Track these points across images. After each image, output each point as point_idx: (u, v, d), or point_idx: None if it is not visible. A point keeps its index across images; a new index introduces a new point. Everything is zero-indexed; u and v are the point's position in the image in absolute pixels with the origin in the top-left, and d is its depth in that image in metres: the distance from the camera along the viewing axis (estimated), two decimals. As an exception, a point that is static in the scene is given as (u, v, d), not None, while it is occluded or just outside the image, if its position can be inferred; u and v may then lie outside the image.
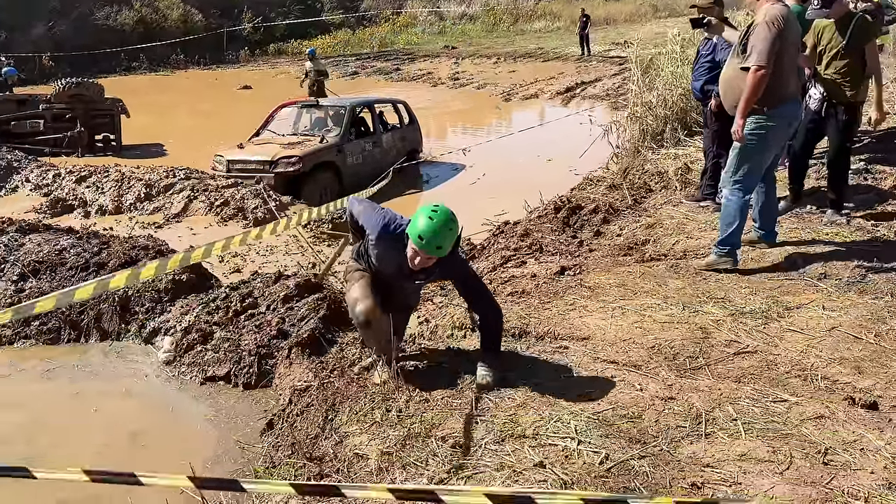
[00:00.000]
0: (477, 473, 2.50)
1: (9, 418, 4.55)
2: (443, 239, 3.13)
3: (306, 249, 7.40)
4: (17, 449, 4.19)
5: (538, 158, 12.18)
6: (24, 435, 4.34)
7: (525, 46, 29.80)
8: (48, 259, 5.98)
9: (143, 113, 15.75)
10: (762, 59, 4.14)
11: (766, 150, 4.42)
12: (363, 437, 2.94)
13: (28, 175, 10.45)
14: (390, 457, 2.72)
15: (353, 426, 3.10)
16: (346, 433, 3.06)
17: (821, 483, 2.36)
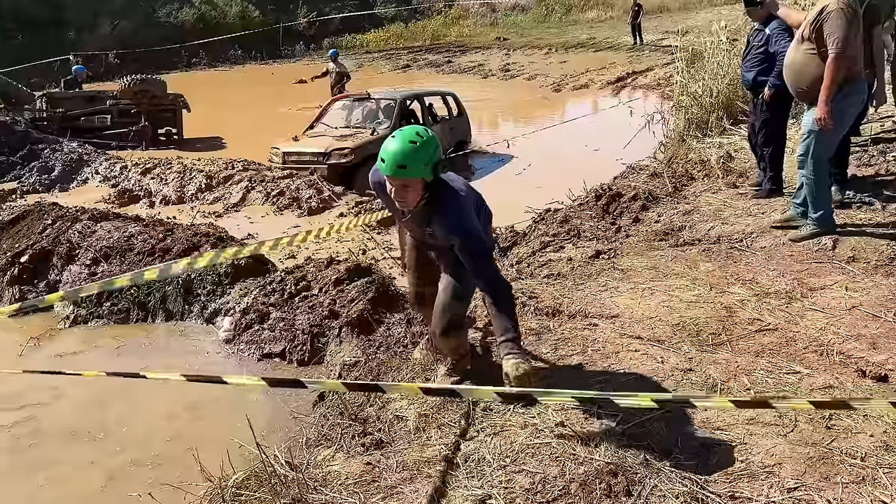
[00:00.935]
0: (503, 431, 2.75)
1: (85, 390, 4.97)
2: (404, 156, 2.76)
3: (357, 237, 7.73)
4: (93, 414, 4.61)
5: (586, 149, 12.29)
6: (97, 405, 4.75)
7: (577, 37, 29.71)
8: (118, 245, 6.43)
9: (204, 107, 16.33)
10: (842, 45, 4.30)
11: (842, 127, 4.63)
12: (403, 402, 3.22)
13: (97, 168, 11.06)
14: (427, 418, 2.99)
15: (395, 393, 3.38)
16: (388, 399, 3.33)
17: (821, 444, 2.55)
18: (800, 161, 4.78)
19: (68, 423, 4.50)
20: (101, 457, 4.18)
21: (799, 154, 4.79)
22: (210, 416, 4.62)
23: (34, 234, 6.63)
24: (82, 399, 4.79)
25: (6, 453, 4.17)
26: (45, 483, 3.92)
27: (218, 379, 2.70)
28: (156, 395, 4.88)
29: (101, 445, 4.29)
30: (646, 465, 2.48)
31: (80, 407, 4.70)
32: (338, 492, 2.56)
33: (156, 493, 3.64)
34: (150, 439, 4.35)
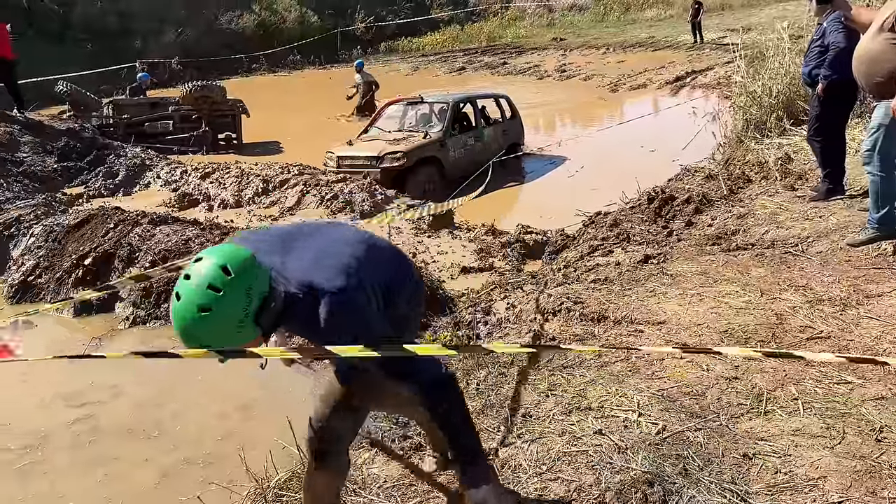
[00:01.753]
0: (540, 438, 2.75)
1: (142, 389, 5.15)
2: (195, 334, 1.87)
3: (408, 240, 7.79)
4: (149, 413, 4.76)
5: (641, 150, 12.13)
6: (153, 404, 4.91)
7: (635, 36, 29.30)
8: (175, 248, 6.61)
9: (262, 112, 16.68)
10: None
11: None
12: (445, 406, 3.23)
13: (159, 172, 11.39)
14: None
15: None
16: (429, 403, 3.35)
17: (869, 457, 2.47)
18: (866, 157, 4.60)
19: (125, 422, 4.66)
20: (155, 454, 4.31)
21: (865, 149, 4.60)
22: (260, 417, 4.72)
23: (97, 238, 6.88)
24: (140, 398, 4.96)
25: (67, 450, 4.34)
26: (102, 479, 4.06)
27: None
28: (210, 396, 5.01)
29: (155, 443, 4.43)
30: (684, 474, 2.45)
31: (137, 406, 4.86)
32: (376, 494, 2.59)
33: (205, 492, 3.75)
34: (202, 438, 4.47)
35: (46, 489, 3.98)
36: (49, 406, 4.89)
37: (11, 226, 7.76)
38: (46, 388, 5.17)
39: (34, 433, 4.54)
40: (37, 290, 6.71)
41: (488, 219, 8.48)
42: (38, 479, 4.07)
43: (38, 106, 16.14)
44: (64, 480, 4.06)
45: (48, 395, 5.02)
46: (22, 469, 4.17)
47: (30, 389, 5.18)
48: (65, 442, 4.46)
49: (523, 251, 7.22)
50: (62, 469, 4.17)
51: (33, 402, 4.92)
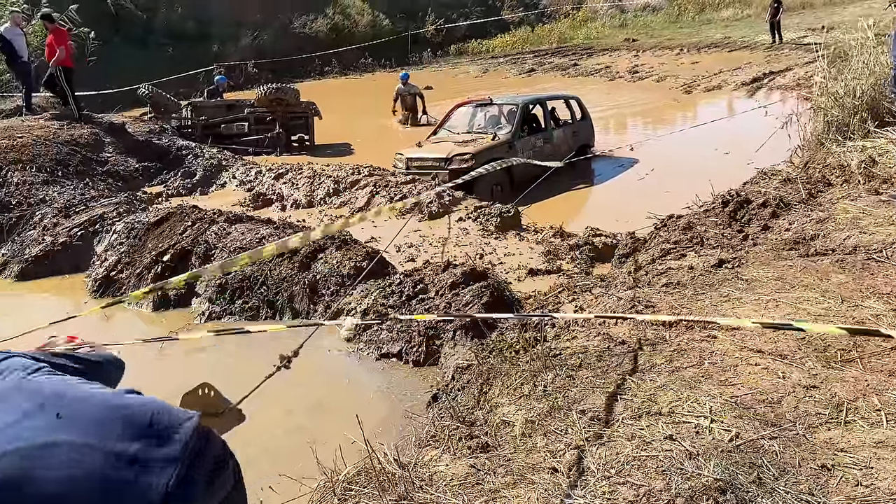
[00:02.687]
0: (609, 442, 2.71)
1: (220, 384, 5.29)
2: None
3: (475, 241, 7.80)
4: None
5: (715, 152, 11.84)
6: (230, 395, 5.05)
7: (711, 36, 28.63)
8: (250, 246, 6.79)
9: (334, 115, 16.96)
10: None
11: None
12: (511, 408, 3.23)
13: (235, 172, 11.73)
14: (533, 425, 2.99)
15: (504, 398, 3.40)
16: (496, 404, 3.36)
17: (959, 473, 2.35)
18: None
19: (199, 413, 4.81)
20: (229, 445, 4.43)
21: None
22: (330, 413, 4.80)
23: (175, 235, 7.12)
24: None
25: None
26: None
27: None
28: (283, 392, 5.11)
29: (228, 435, 4.55)
30: (758, 483, 2.38)
31: (210, 396, 5.01)
32: (442, 492, 2.60)
33: (276, 484, 3.83)
34: (273, 432, 4.57)
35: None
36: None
37: (96, 222, 8.12)
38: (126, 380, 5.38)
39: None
40: (118, 285, 6.99)
41: (557, 221, 8.42)
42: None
43: (121, 108, 16.82)
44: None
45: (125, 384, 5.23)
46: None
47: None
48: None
49: (592, 254, 7.15)
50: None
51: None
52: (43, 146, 10.46)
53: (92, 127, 12.18)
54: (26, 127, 11.21)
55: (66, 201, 8.86)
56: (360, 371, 5.35)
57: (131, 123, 13.89)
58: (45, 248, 7.86)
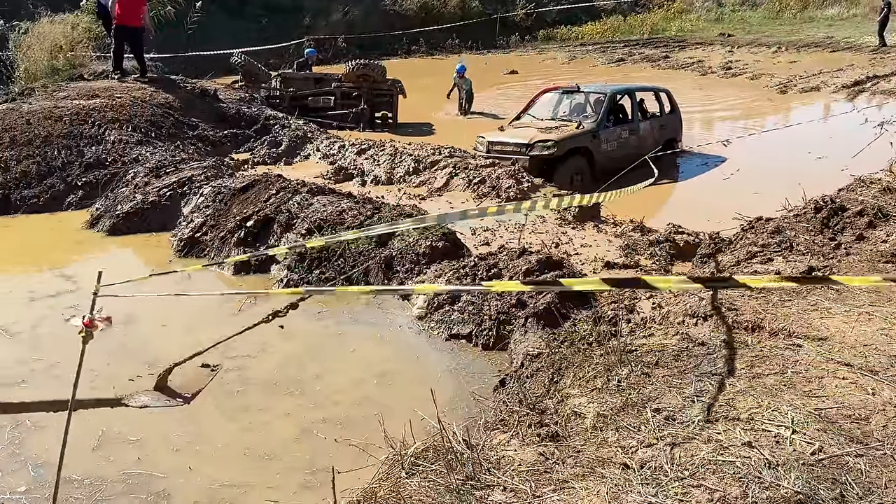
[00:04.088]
0: (684, 443, 2.65)
1: (287, 347, 5.43)
2: None
3: (551, 230, 7.72)
4: (292, 371, 5.02)
5: (808, 156, 11.40)
6: (296, 362, 5.18)
7: (812, 35, 27.45)
8: (330, 218, 6.90)
9: (418, 94, 17.02)
10: None
11: None
12: (583, 400, 3.19)
13: (318, 145, 11.92)
14: (606, 419, 2.95)
15: (575, 389, 3.37)
16: (568, 394, 3.33)
17: None
18: None
19: (271, 377, 4.94)
20: (296, 410, 4.55)
21: None
22: (395, 386, 4.86)
23: (260, 202, 7.29)
24: (284, 356, 5.24)
25: (217, 397, 4.66)
26: (247, 426, 4.34)
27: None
28: (348, 361, 5.22)
29: (297, 400, 4.66)
30: (840, 501, 2.29)
31: (281, 363, 5.14)
32: (510, 477, 2.60)
33: (343, 450, 3.91)
34: (340, 401, 4.66)
35: (196, 429, 4.30)
36: (203, 354, 5.25)
37: (184, 184, 8.39)
38: (205, 336, 5.56)
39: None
40: (202, 247, 7.22)
41: (636, 215, 8.26)
42: (190, 420, 4.40)
43: (213, 75, 17.27)
44: (212, 424, 4.37)
45: (207, 339, 5.40)
46: (177, 409, 4.51)
47: (191, 337, 5.59)
48: (216, 389, 4.78)
49: (672, 251, 6.99)
50: (211, 414, 4.48)
51: (191, 349, 5.31)
52: (139, 107, 10.86)
53: (185, 92, 12.56)
54: (125, 88, 11.64)
55: (157, 162, 9.19)
56: (429, 349, 5.39)
57: (223, 90, 14.26)
58: (135, 205, 8.17)
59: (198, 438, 4.23)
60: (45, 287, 6.49)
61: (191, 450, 4.12)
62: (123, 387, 4.71)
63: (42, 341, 5.54)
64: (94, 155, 9.57)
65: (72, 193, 9.10)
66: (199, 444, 4.19)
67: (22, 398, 4.63)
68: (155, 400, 4.55)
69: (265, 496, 3.63)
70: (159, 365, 4.78)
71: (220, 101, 13.12)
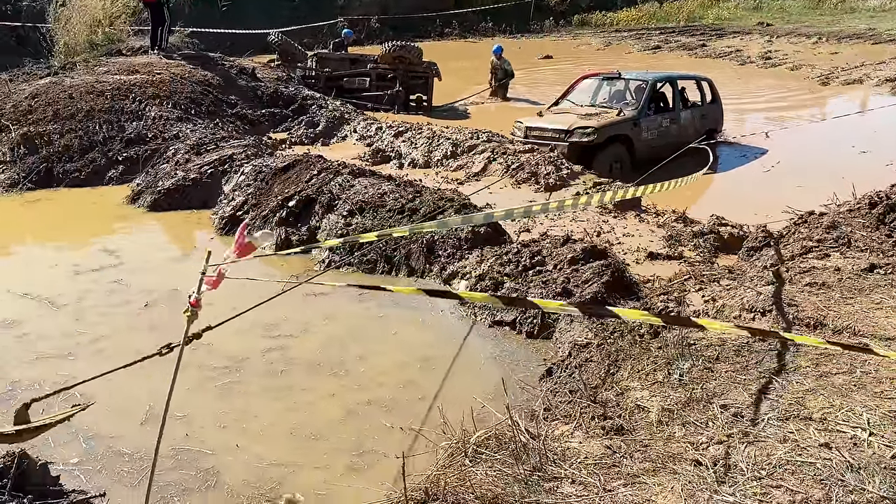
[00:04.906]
0: (757, 442, 2.59)
1: (329, 328, 5.42)
2: None
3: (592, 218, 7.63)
4: (335, 352, 5.01)
5: (852, 149, 11.15)
6: (339, 344, 5.16)
7: (853, 26, 26.84)
8: (371, 200, 6.86)
9: (452, 76, 16.88)
10: None
11: None
12: (644, 393, 3.14)
13: (356, 126, 11.87)
14: (671, 413, 2.89)
15: (635, 382, 3.31)
16: (627, 387, 3.27)
17: None
18: None
19: (314, 357, 4.93)
20: (340, 391, 4.53)
21: None
22: (439, 371, 4.82)
23: (301, 182, 7.27)
24: (327, 337, 5.23)
25: (262, 376, 4.67)
26: (291, 406, 4.34)
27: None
28: (391, 344, 5.20)
29: (341, 381, 4.65)
30: (927, 508, 2.22)
31: (324, 344, 5.13)
32: (577, 469, 2.56)
33: (390, 434, 3.89)
34: (384, 383, 4.64)
35: (242, 407, 4.30)
36: (247, 333, 5.25)
37: (225, 162, 8.39)
38: (248, 315, 5.56)
39: (234, 357, 4.90)
40: (244, 225, 7.21)
41: (677, 205, 8.14)
42: (235, 397, 4.41)
43: (251, 53, 17.27)
44: (258, 402, 4.37)
45: (247, 323, 5.39)
46: (223, 386, 4.52)
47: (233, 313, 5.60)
48: (260, 368, 4.79)
49: (717, 243, 6.88)
50: (256, 392, 4.48)
51: (234, 328, 5.29)
52: (179, 84, 10.88)
53: (223, 69, 12.57)
54: (164, 64, 11.67)
55: (197, 139, 9.21)
56: (473, 335, 5.35)
57: (260, 69, 14.25)
58: (176, 182, 8.19)
59: (244, 416, 4.23)
60: (89, 261, 6.54)
61: (237, 427, 4.13)
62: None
63: (86, 314, 5.58)
64: (134, 130, 9.61)
65: (113, 168, 9.15)
66: (245, 421, 4.19)
67: (70, 371, 4.66)
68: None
69: (313, 477, 3.62)
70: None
71: (257, 79, 13.11)
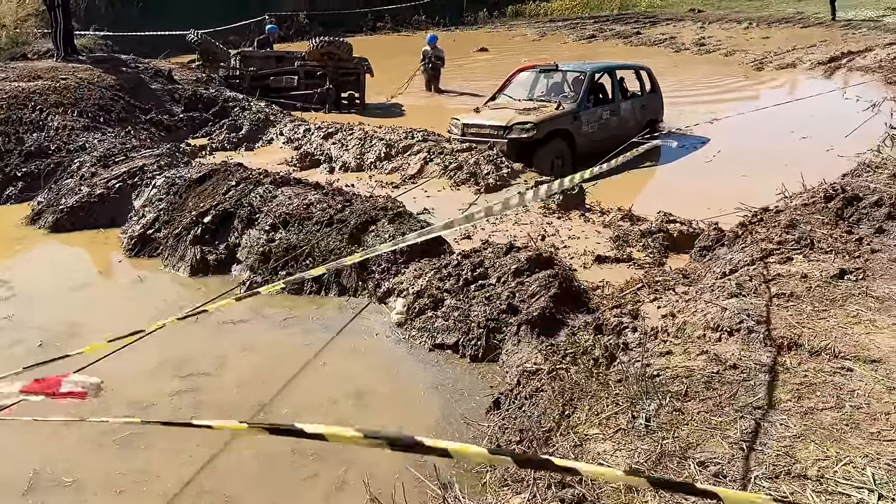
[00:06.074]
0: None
1: (248, 361, 4.84)
2: None
3: (535, 220, 7.20)
4: (255, 391, 4.42)
5: (791, 135, 11.01)
6: (259, 380, 4.58)
7: (781, 10, 27.23)
8: (296, 212, 6.27)
9: (385, 73, 16.29)
10: None
11: None
12: (607, 445, 2.67)
13: (282, 129, 11.17)
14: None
15: (594, 429, 2.84)
16: (586, 435, 2.80)
17: None
18: None
19: (230, 398, 4.37)
20: (260, 439, 3.97)
21: None
22: (374, 408, 4.32)
23: (218, 195, 6.63)
24: (246, 372, 4.66)
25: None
26: (202, 462, 3.74)
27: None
28: (320, 378, 4.65)
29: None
30: None
31: (242, 381, 4.56)
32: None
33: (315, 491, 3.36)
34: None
35: (142, 466, 3.70)
36: (154, 373, 4.66)
37: (135, 175, 7.67)
38: (155, 351, 4.94)
39: (137, 402, 4.30)
40: (155, 245, 6.54)
41: (622, 201, 7.78)
42: (136, 455, 3.80)
43: (168, 54, 16.37)
44: (161, 459, 3.76)
45: (155, 360, 4.78)
46: (122, 441, 3.90)
47: (138, 352, 4.96)
48: (166, 415, 4.17)
49: (666, 243, 6.52)
50: (161, 447, 3.86)
51: (140, 368, 4.69)
52: (86, 89, 10.02)
53: (136, 72, 11.73)
54: (70, 69, 10.78)
55: (105, 150, 8.41)
56: (410, 361, 4.84)
57: (178, 70, 13.41)
58: (81, 198, 7.42)
59: (144, 478, 3.63)
60: (-24, 293, 5.79)
61: (136, 492, 3.53)
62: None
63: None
64: (35, 142, 8.74)
65: (10, 185, 8.28)
66: (146, 483, 3.60)
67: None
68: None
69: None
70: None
71: (175, 82, 12.30)
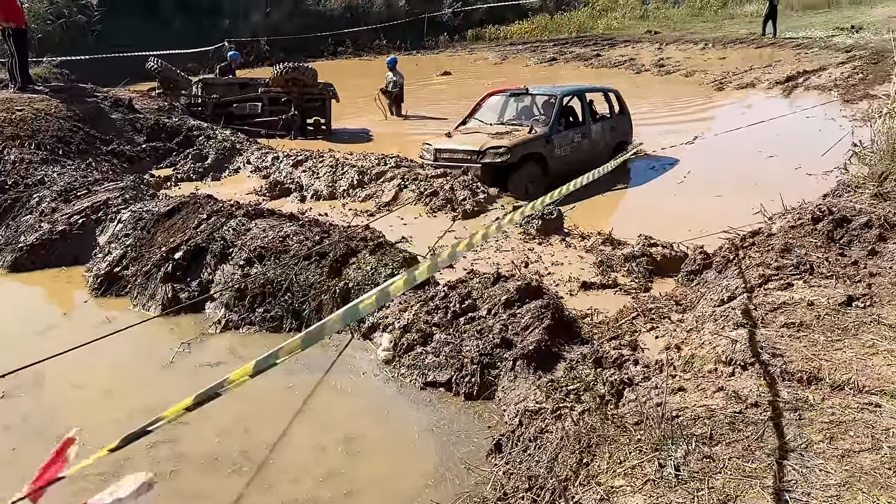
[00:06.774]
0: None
1: (228, 407, 4.52)
2: None
3: (517, 247, 7.05)
4: (237, 440, 4.17)
5: (759, 154, 11.09)
6: (241, 428, 4.32)
7: (735, 31, 27.72)
8: (272, 245, 6.03)
9: (351, 97, 16.10)
10: None
11: None
12: (637, 499, 2.48)
13: (249, 157, 10.87)
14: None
15: (619, 479, 2.65)
16: (611, 488, 2.62)
17: None
18: None
19: (211, 449, 4.09)
20: (246, 492, 3.73)
21: None
22: (365, 455, 4.08)
23: (189, 229, 6.35)
24: (226, 421, 4.36)
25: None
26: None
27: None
28: (306, 423, 4.39)
29: (244, 479, 3.84)
30: None
31: (223, 430, 4.28)
32: None
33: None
34: (299, 478, 3.86)
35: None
36: (129, 423, 4.34)
37: (99, 209, 7.33)
38: (129, 399, 4.65)
39: (111, 456, 3.99)
40: (123, 283, 6.23)
41: (599, 225, 7.69)
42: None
43: (128, 82, 15.98)
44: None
45: (130, 408, 4.49)
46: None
47: (112, 402, 4.67)
48: (143, 469, 3.87)
49: (650, 267, 6.42)
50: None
51: (114, 417, 4.39)
52: (44, 121, 9.64)
53: (97, 101, 11.36)
54: (26, 99, 10.37)
55: (66, 183, 8.04)
56: (401, 402, 4.62)
57: (139, 99, 13.05)
58: (41, 235, 7.06)
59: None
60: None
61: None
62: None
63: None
64: (-10, 178, 8.35)
65: (-35, 223, 7.89)
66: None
67: None
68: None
69: None
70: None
71: (136, 111, 11.93)
